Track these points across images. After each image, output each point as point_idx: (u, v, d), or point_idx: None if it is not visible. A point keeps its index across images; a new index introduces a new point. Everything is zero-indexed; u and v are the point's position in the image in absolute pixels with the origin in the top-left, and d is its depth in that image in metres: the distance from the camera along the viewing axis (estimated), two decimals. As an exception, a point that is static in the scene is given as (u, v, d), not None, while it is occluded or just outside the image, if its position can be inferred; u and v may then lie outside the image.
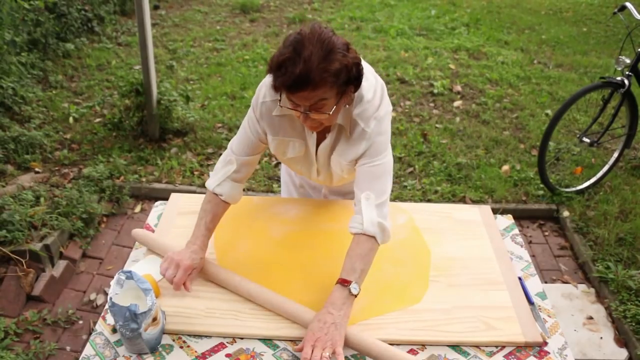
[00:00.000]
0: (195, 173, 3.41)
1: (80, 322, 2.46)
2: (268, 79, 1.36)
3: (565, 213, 3.17)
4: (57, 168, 3.36)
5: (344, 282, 1.27)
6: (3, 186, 2.99)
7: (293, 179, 1.90)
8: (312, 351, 1.18)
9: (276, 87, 1.22)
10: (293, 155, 1.49)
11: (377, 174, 1.38)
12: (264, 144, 1.50)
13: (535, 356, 1.27)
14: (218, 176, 1.48)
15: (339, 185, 1.74)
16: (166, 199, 1.78)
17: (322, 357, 1.17)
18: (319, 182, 1.66)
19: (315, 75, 1.16)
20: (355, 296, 1.27)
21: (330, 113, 1.25)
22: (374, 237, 1.33)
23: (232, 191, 1.48)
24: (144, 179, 3.33)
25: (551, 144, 3.67)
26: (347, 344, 1.24)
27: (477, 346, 1.29)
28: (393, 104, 4.36)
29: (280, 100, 1.29)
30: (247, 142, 1.48)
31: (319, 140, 1.45)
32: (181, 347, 1.27)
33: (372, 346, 1.23)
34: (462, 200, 3.27)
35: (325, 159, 1.48)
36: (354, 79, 1.26)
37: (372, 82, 1.38)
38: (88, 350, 1.26)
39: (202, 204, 1.48)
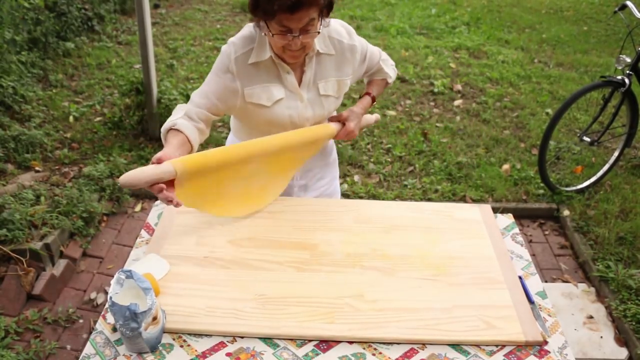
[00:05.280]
0: (196, 172, 3.40)
1: (81, 321, 2.47)
2: (232, 40, 1.52)
3: (566, 212, 3.17)
4: (57, 167, 3.36)
5: (368, 94, 1.79)
6: (3, 185, 2.99)
7: None
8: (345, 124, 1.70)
9: (273, 11, 1.33)
10: (278, 97, 1.56)
11: (376, 53, 1.77)
12: (221, 110, 1.56)
13: (535, 355, 1.27)
14: (168, 120, 1.50)
15: (309, 160, 1.79)
16: (166, 198, 1.77)
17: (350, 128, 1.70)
18: (304, 122, 1.66)
19: None
20: (373, 101, 1.81)
21: (318, 31, 1.41)
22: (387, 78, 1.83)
23: (186, 123, 1.48)
24: (144, 178, 3.32)
25: (551, 143, 3.67)
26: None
27: (477, 345, 1.29)
28: (393, 103, 4.37)
29: (269, 31, 1.40)
30: (209, 94, 1.54)
31: (299, 76, 1.57)
32: (181, 346, 1.27)
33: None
34: (463, 200, 3.27)
35: (312, 88, 1.60)
36: (331, 1, 1.43)
37: None
38: (88, 349, 1.26)
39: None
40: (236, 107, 1.58)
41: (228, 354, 1.25)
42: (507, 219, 1.77)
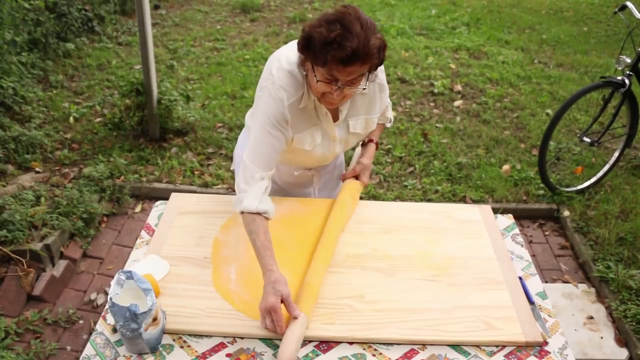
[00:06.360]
0: (196, 173, 3.41)
1: (81, 321, 2.47)
2: (280, 84, 1.41)
3: (566, 213, 3.17)
4: (57, 168, 3.36)
5: (371, 141, 1.83)
6: (4, 186, 2.99)
7: (276, 182, 1.87)
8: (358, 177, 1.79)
9: (325, 60, 1.27)
10: (318, 141, 1.56)
11: (388, 96, 1.72)
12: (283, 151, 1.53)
13: (535, 356, 1.27)
14: (253, 195, 1.42)
15: (329, 170, 1.90)
16: (166, 198, 1.78)
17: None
18: (331, 156, 1.68)
19: (366, 51, 1.27)
20: (377, 147, 1.88)
21: (364, 88, 1.38)
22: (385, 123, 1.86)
23: (271, 206, 1.45)
24: (144, 179, 3.33)
25: (552, 143, 3.67)
26: None
27: (477, 346, 1.29)
28: (393, 104, 4.37)
29: (314, 74, 1.34)
30: (273, 153, 1.47)
31: (334, 116, 1.55)
32: (181, 347, 1.27)
33: None
34: (463, 200, 3.27)
35: (342, 126, 1.58)
36: (382, 59, 1.37)
37: None
38: (88, 350, 1.26)
39: (247, 227, 1.41)
40: (283, 150, 1.54)
41: (228, 355, 1.25)
42: (507, 220, 1.77)
